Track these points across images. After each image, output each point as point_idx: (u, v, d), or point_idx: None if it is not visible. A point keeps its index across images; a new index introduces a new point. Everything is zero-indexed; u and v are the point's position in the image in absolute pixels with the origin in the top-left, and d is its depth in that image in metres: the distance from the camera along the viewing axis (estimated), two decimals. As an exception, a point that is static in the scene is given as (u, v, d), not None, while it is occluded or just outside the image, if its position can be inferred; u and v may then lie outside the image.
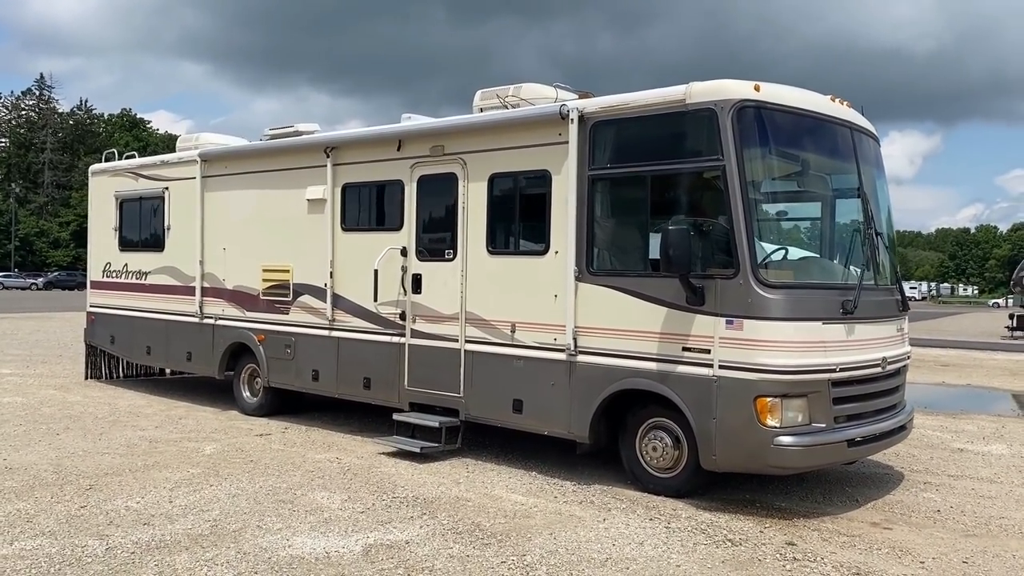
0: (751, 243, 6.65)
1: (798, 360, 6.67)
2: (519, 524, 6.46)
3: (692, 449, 7.14)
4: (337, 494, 7.19)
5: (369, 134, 9.65)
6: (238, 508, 6.69)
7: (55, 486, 7.25)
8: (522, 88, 9.00)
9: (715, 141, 6.81)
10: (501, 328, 8.27)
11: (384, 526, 6.33)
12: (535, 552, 5.83)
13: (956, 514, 7.10)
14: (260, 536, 6.02)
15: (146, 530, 6.08)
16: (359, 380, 9.57)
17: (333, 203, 9.83)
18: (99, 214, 13.52)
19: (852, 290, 7.09)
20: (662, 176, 7.30)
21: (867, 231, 7.46)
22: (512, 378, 8.17)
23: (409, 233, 9.09)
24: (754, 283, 6.62)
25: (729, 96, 6.81)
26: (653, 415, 7.43)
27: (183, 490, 7.19)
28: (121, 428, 9.93)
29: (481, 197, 8.46)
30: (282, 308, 10.44)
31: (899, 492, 7.77)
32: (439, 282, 8.80)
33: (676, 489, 7.30)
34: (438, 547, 5.88)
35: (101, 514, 6.46)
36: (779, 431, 6.61)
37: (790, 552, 6.00)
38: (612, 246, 7.71)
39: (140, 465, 8.08)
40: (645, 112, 7.31)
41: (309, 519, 6.45)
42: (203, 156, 11.49)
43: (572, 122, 7.64)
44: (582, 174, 7.61)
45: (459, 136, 8.70)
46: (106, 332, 13.37)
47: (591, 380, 7.59)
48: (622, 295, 7.39)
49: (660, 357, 7.14)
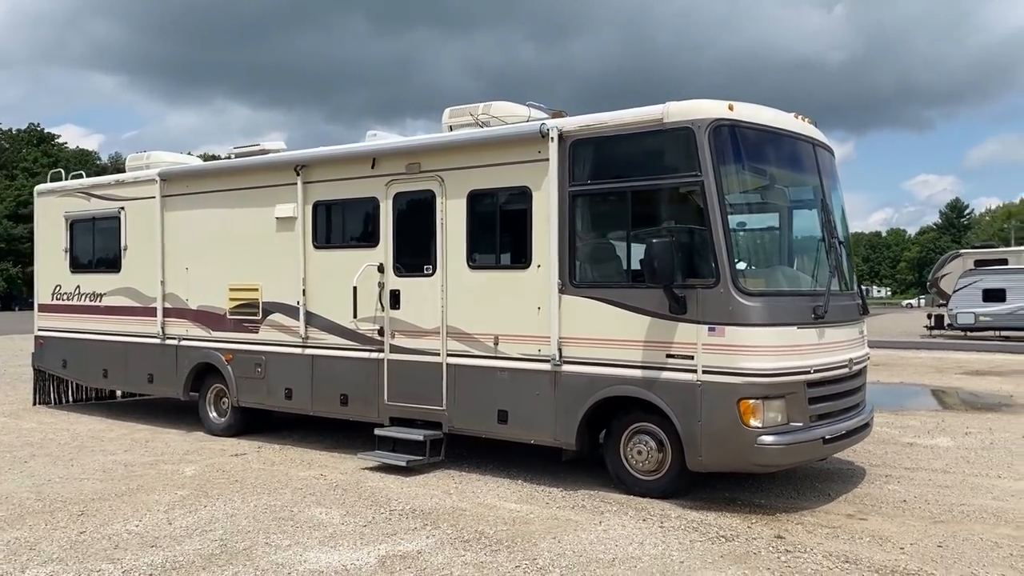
0: (730, 254, 7.02)
1: (777, 363, 7.07)
2: (521, 530, 6.68)
3: (676, 452, 7.47)
4: (334, 509, 7.28)
5: (342, 152, 9.75)
6: (240, 527, 6.74)
7: (45, 513, 7.17)
8: (492, 106, 9.25)
9: (692, 158, 7.17)
10: (484, 341, 8.48)
11: (391, 538, 6.47)
12: (544, 556, 6.05)
13: (921, 503, 7.59)
14: (272, 553, 6.09)
15: (156, 552, 6.09)
16: (335, 397, 9.64)
17: (304, 221, 9.90)
18: (47, 235, 13.24)
19: (821, 296, 7.54)
20: (641, 191, 7.64)
21: (831, 239, 7.94)
22: (496, 389, 8.38)
23: (386, 249, 9.22)
24: (734, 291, 7.00)
25: (705, 115, 7.19)
26: (636, 420, 7.74)
27: (178, 512, 7.19)
28: (89, 453, 9.78)
29: (460, 213, 8.67)
30: (251, 327, 10.43)
31: (865, 485, 8.24)
32: (418, 297, 8.96)
33: (661, 490, 7.61)
34: (450, 555, 6.05)
35: (103, 539, 6.43)
36: (761, 431, 6.99)
37: (781, 545, 6.36)
38: (594, 259, 8.01)
39: (124, 489, 8.01)
40: (623, 131, 7.64)
41: (315, 535, 6.55)
42: (162, 175, 11.40)
43: (552, 140, 7.92)
44: (562, 190, 7.90)
45: (436, 154, 8.89)
46: (57, 356, 13.08)
47: (576, 389, 7.86)
48: (605, 306, 7.68)
49: (644, 364, 7.45)
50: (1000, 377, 18.42)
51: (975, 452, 9.89)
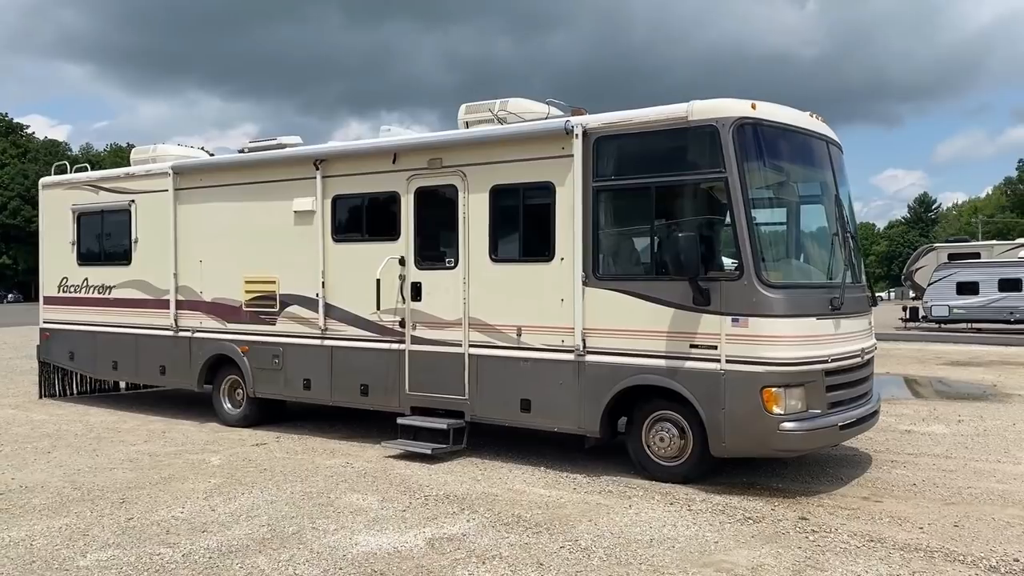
0: (754, 247, 7.31)
1: (798, 353, 7.37)
2: (556, 514, 6.93)
3: (698, 438, 7.76)
4: (370, 496, 7.49)
5: (362, 147, 9.92)
6: (282, 513, 6.93)
7: (86, 501, 7.31)
8: (509, 102, 9.47)
9: (717, 155, 7.45)
10: (506, 332, 8.71)
11: (432, 522, 6.69)
12: (584, 537, 6.31)
13: (930, 486, 7.94)
14: (322, 537, 6.29)
15: (208, 537, 6.27)
16: (355, 387, 9.83)
17: (323, 214, 10.06)
18: (52, 228, 13.27)
19: (837, 288, 7.86)
20: (665, 187, 7.91)
21: (844, 233, 8.27)
22: (519, 379, 8.61)
23: (407, 243, 9.41)
24: (758, 284, 7.29)
25: (729, 114, 7.47)
26: (658, 408, 8.01)
27: (218, 499, 7.36)
28: (110, 444, 9.89)
29: (482, 207, 8.88)
30: (268, 319, 10.58)
31: (874, 470, 8.58)
32: (440, 289, 9.16)
33: (683, 476, 7.90)
34: (495, 538, 6.29)
35: (152, 525, 6.60)
36: (783, 418, 7.29)
37: (806, 525, 6.66)
38: (617, 252, 8.27)
39: (157, 478, 8.16)
40: (648, 128, 7.90)
41: (358, 519, 6.75)
42: (176, 169, 11.50)
43: (577, 137, 8.16)
44: (586, 185, 8.14)
45: (459, 149, 9.09)
46: (63, 348, 13.13)
47: (600, 378, 8.11)
48: (629, 298, 7.94)
49: (668, 354, 7.73)
50: (981, 367, 18.95)
51: (971, 439, 10.28)
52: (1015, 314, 31.57)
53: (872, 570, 5.65)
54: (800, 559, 5.87)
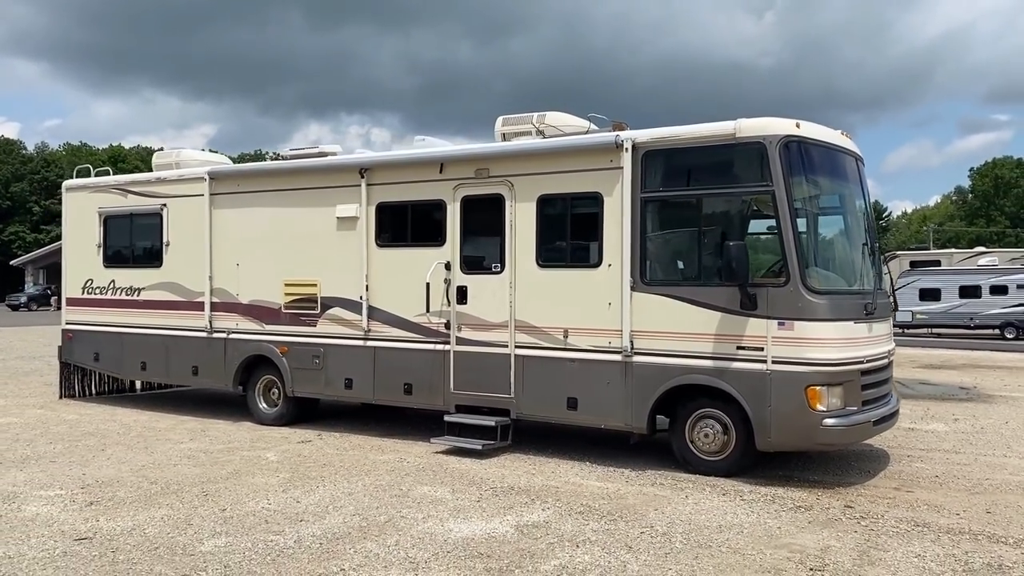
0: (799, 255, 7.89)
1: (839, 354, 7.97)
2: (621, 504, 7.43)
3: (741, 434, 8.31)
4: (439, 488, 7.92)
5: (410, 157, 10.33)
6: (365, 504, 7.32)
7: (170, 494, 7.63)
8: (547, 116, 9.97)
9: (764, 169, 8.02)
10: (553, 334, 9.19)
11: (510, 511, 7.15)
12: (658, 524, 6.82)
13: (952, 478, 8.59)
14: (416, 525, 6.71)
15: (309, 526, 6.66)
16: (399, 386, 10.22)
17: (366, 220, 10.44)
18: (77, 230, 13.44)
19: (870, 294, 8.49)
20: (713, 198, 8.47)
21: (871, 243, 8.90)
22: (566, 378, 9.10)
23: (452, 248, 9.84)
24: (803, 290, 7.87)
25: (776, 132, 8.05)
26: (701, 407, 8.55)
27: (297, 492, 7.73)
28: (156, 442, 10.16)
29: (529, 215, 9.35)
30: (308, 320, 10.93)
31: (895, 464, 9.22)
32: (486, 293, 9.61)
33: (726, 470, 8.44)
34: (576, 525, 6.77)
35: (249, 515, 6.96)
36: (826, 414, 7.88)
37: (853, 513, 7.24)
38: (664, 259, 8.81)
39: (224, 474, 8.48)
40: (695, 143, 8.45)
41: (440, 509, 7.18)
42: (212, 174, 11.79)
43: (626, 151, 8.68)
44: (635, 196, 8.66)
45: (506, 160, 9.55)
46: (88, 349, 13.30)
47: (648, 378, 8.63)
48: (676, 302, 8.47)
49: (715, 355, 8.27)
50: (955, 370, 19.87)
51: (971, 436, 11.01)
52: (975, 319, 32.91)
53: (929, 551, 6.23)
54: (860, 542, 6.44)
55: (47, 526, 6.60)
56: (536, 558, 5.94)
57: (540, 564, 5.82)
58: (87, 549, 6.05)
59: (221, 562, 5.79)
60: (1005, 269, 33.74)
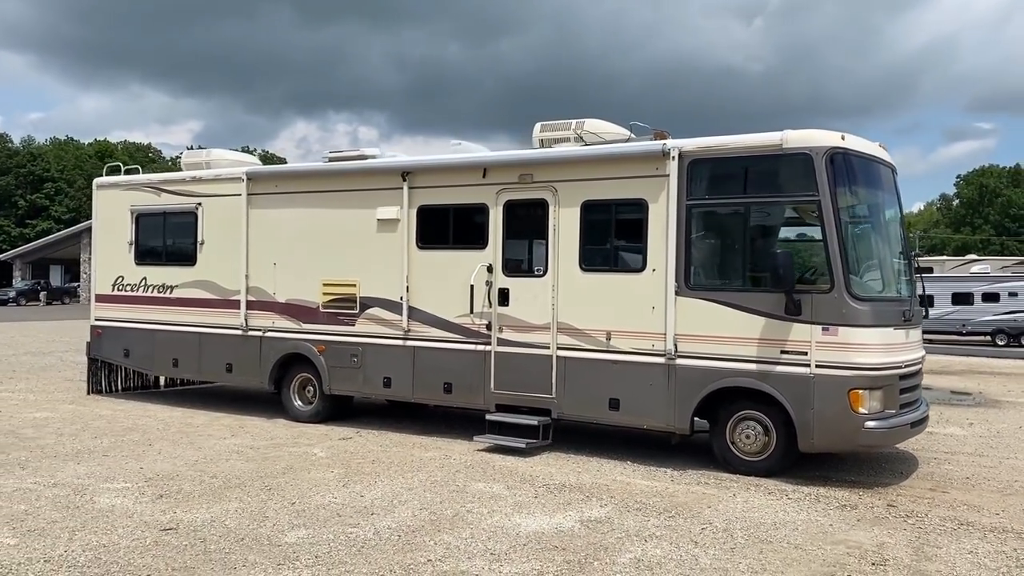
0: (844, 263, 8.18)
1: (880, 359, 8.26)
2: (674, 502, 7.68)
3: (781, 436, 8.59)
4: (494, 484, 8.14)
5: (452, 161, 10.54)
6: (427, 499, 7.54)
7: (234, 488, 7.82)
8: (585, 123, 10.23)
9: (810, 179, 8.31)
10: (595, 336, 9.44)
11: (569, 507, 7.38)
12: (716, 520, 7.07)
13: (983, 480, 8.91)
14: (483, 519, 6.94)
15: (381, 519, 6.87)
16: (439, 385, 10.45)
17: (407, 223, 10.66)
18: (108, 228, 13.56)
19: (907, 301, 8.79)
20: (758, 207, 8.75)
21: (907, 251, 9.21)
22: (608, 379, 9.35)
23: (494, 251, 10.07)
24: (847, 297, 8.16)
25: (822, 143, 8.34)
26: (742, 409, 8.82)
27: (357, 487, 7.93)
28: (200, 438, 10.32)
29: (573, 220, 9.60)
30: (347, 320, 11.12)
31: (924, 466, 9.52)
32: (528, 295, 9.85)
33: (766, 470, 8.72)
34: (637, 520, 7.02)
35: (320, 508, 7.16)
36: (867, 417, 8.17)
37: (897, 512, 7.53)
38: (708, 265, 9.08)
39: (278, 469, 8.67)
40: (741, 153, 8.72)
41: (501, 504, 7.41)
42: (250, 175, 11.97)
43: (673, 159, 8.94)
44: (680, 203, 8.92)
45: (551, 167, 9.79)
46: (118, 346, 13.43)
47: (690, 380, 8.90)
48: (720, 307, 8.74)
49: (759, 359, 8.54)
50: (956, 376, 20.26)
51: (990, 440, 11.34)
52: (967, 326, 33.47)
53: (979, 548, 6.52)
54: (912, 539, 6.73)
55: (127, 517, 6.78)
56: (610, 551, 6.18)
57: (615, 557, 6.06)
58: (176, 539, 6.24)
59: (310, 552, 6.00)
60: (997, 277, 34.35)
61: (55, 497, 7.37)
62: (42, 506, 7.08)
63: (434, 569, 5.71)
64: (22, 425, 10.93)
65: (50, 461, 8.85)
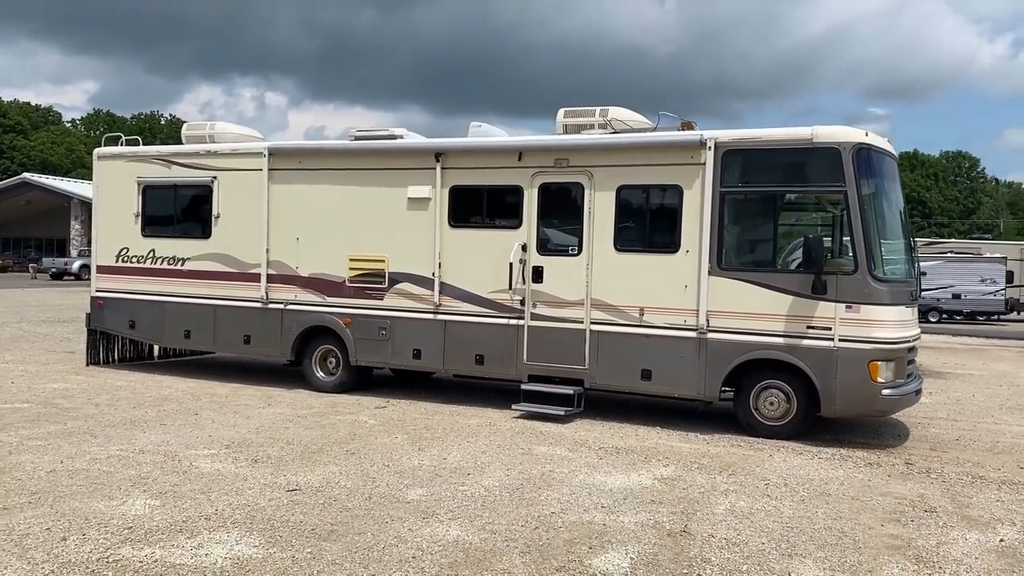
0: (867, 247, 9.12)
1: (895, 334, 9.27)
2: (725, 462, 8.50)
3: (801, 402, 9.53)
4: (555, 448, 8.80)
5: (488, 145, 11.05)
6: (506, 461, 8.14)
7: (319, 453, 8.25)
8: (609, 111, 10.91)
9: (838, 171, 9.19)
10: (628, 312, 10.17)
11: (635, 467, 8.11)
12: (771, 477, 7.92)
13: (970, 441, 10.05)
14: (571, 477, 7.60)
15: (479, 479, 7.44)
16: (470, 357, 11.01)
17: (439, 202, 11.13)
18: (111, 199, 13.52)
19: (913, 282, 9.83)
20: (788, 195, 9.63)
21: (911, 236, 10.24)
22: (641, 352, 10.10)
23: (528, 231, 10.67)
24: (869, 278, 9.11)
25: (849, 139, 9.23)
26: (765, 378, 9.72)
27: (432, 452, 8.47)
28: (241, 408, 10.60)
29: (608, 203, 10.27)
30: (375, 294, 11.54)
31: (916, 430, 10.63)
32: (562, 273, 10.49)
33: (786, 434, 9.64)
34: (704, 477, 7.80)
35: (415, 469, 7.69)
36: (883, 386, 9.17)
37: (915, 469, 8.54)
38: (740, 247, 9.91)
39: (343, 436, 9.10)
40: (772, 145, 9.55)
41: (575, 465, 8.08)
42: (272, 150, 12.18)
43: (709, 149, 9.70)
44: (715, 190, 9.70)
45: (587, 152, 10.42)
46: (122, 317, 13.45)
47: (721, 352, 9.73)
48: (750, 286, 9.58)
49: (787, 334, 9.43)
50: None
51: (954, 406, 12.61)
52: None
53: (1000, 498, 7.55)
54: (943, 491, 7.72)
55: (242, 480, 7.17)
56: (702, 504, 6.94)
57: (711, 508, 6.83)
58: (308, 498, 6.69)
59: (441, 507, 6.55)
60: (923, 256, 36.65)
61: (156, 463, 7.67)
62: (151, 471, 7.38)
63: (563, 521, 6.35)
64: (50, 396, 10.98)
65: (112, 430, 9.05)
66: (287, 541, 5.70)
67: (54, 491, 6.68)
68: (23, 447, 8.14)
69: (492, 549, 5.69)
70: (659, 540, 6.00)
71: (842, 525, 6.54)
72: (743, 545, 5.96)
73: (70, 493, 6.64)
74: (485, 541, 5.84)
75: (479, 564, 5.41)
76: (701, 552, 5.79)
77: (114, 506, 6.34)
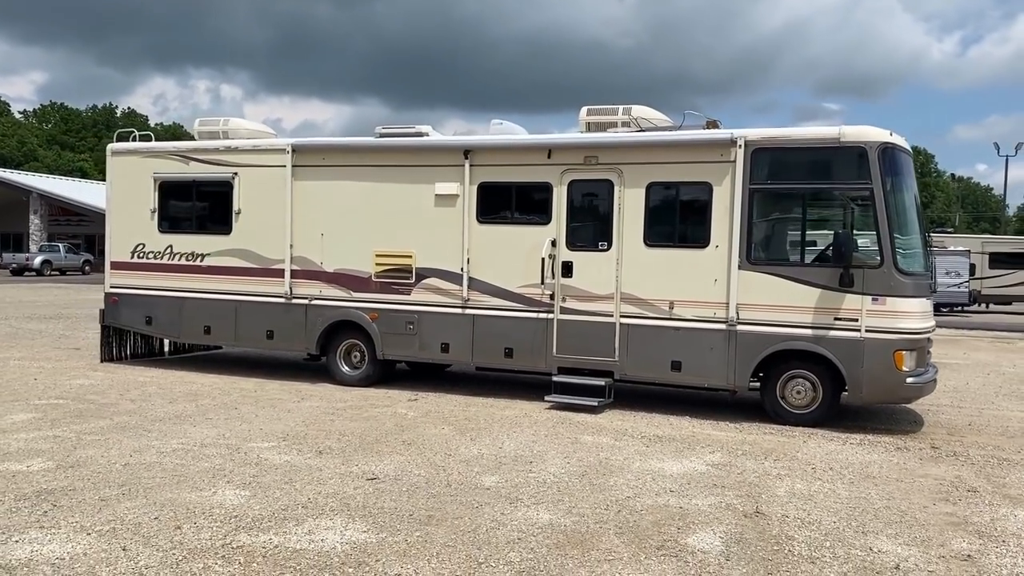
0: (893, 243, 9.55)
1: (918, 324, 9.72)
2: (766, 448, 8.87)
3: (828, 391, 9.95)
4: (600, 437, 9.09)
5: (517, 142, 11.30)
6: (560, 451, 8.40)
7: (377, 443, 8.44)
8: (632, 109, 11.23)
9: (864, 170, 9.61)
10: (658, 305, 10.49)
11: (683, 455, 8.44)
12: (815, 462, 8.29)
13: (982, 425, 10.56)
14: (629, 464, 7.89)
15: (542, 466, 7.71)
16: (499, 350, 11.26)
17: (467, 198, 11.35)
18: (126, 195, 13.50)
19: (931, 275, 10.30)
20: (816, 193, 10.03)
21: (927, 231, 10.70)
22: (670, 344, 10.44)
23: (558, 227, 10.94)
24: (895, 271, 9.54)
25: (875, 139, 9.65)
26: (792, 368, 10.12)
27: (484, 442, 8.70)
28: (275, 402, 10.73)
29: (638, 200, 10.59)
30: (402, 289, 11.73)
31: (929, 416, 11.11)
32: (592, 268, 10.78)
33: (812, 421, 10.05)
34: (754, 463, 8.15)
35: (478, 458, 7.93)
36: (907, 374, 9.62)
37: (941, 453, 8.98)
38: (768, 242, 10.28)
39: (391, 428, 9.29)
40: (801, 144, 9.94)
41: (626, 453, 8.38)
42: (296, 147, 12.29)
43: (739, 147, 10.06)
44: (744, 187, 10.06)
45: (616, 150, 10.72)
46: (138, 313, 13.45)
47: (751, 344, 10.10)
48: (779, 280, 9.97)
49: (815, 325, 9.83)
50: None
51: (954, 394, 13.14)
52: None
53: (1032, 477, 8.02)
54: (976, 472, 8.16)
55: (318, 471, 7.34)
56: (762, 487, 7.29)
57: (773, 491, 7.17)
58: (390, 486, 6.90)
59: (522, 492, 6.80)
60: None
61: (223, 455, 7.80)
62: (224, 464, 7.51)
63: (642, 504, 6.64)
64: (79, 392, 10.99)
65: (161, 425, 9.14)
66: (392, 527, 5.91)
67: (140, 483, 6.80)
68: (83, 442, 8.21)
69: (588, 531, 5.96)
70: (738, 520, 6.32)
71: (898, 504, 6.93)
72: (817, 524, 6.31)
73: (157, 485, 6.76)
74: (578, 524, 6.11)
75: (583, 544, 5.68)
76: (782, 530, 6.13)
77: (206, 496, 6.49)
